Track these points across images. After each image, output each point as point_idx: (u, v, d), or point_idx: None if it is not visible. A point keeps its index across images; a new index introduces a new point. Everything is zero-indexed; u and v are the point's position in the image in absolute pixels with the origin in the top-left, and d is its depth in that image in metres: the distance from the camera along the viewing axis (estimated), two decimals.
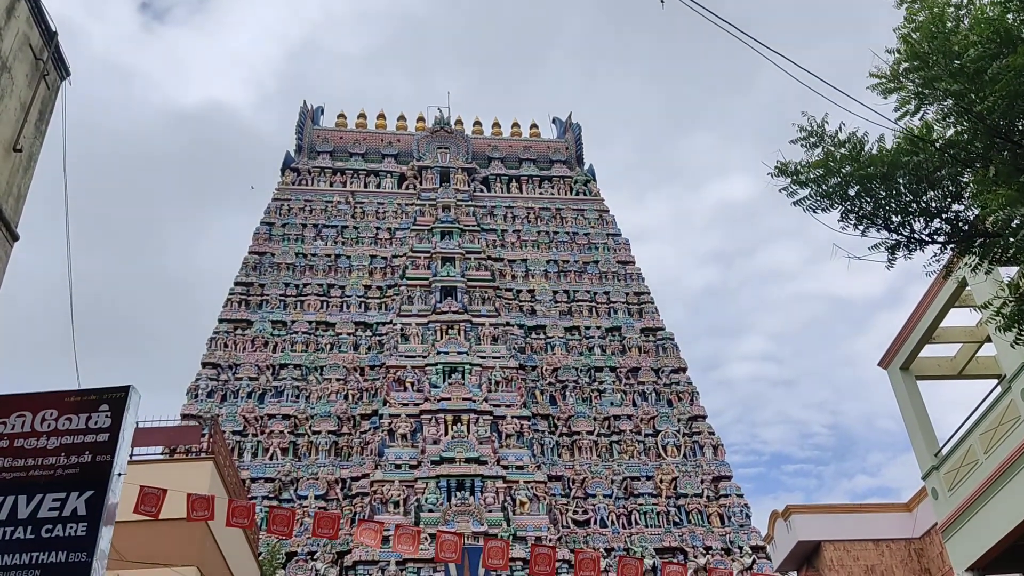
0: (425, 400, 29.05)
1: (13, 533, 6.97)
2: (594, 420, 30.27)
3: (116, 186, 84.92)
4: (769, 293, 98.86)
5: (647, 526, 27.78)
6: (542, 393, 31.16)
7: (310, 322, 32.37)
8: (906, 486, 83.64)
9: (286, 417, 29.39)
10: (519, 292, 34.32)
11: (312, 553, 25.91)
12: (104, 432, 7.49)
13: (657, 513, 28.09)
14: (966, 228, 7.30)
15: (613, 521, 27.86)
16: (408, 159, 39.12)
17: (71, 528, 6.97)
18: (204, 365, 30.52)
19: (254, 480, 27.31)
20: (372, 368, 31.01)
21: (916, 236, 7.42)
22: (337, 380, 30.61)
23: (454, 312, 31.98)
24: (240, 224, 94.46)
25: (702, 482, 28.93)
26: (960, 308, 14.00)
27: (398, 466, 27.39)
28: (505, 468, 27.50)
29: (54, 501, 7.11)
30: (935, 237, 7.41)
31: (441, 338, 31.16)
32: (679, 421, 30.59)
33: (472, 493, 26.63)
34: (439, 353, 30.50)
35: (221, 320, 32.00)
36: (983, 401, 12.94)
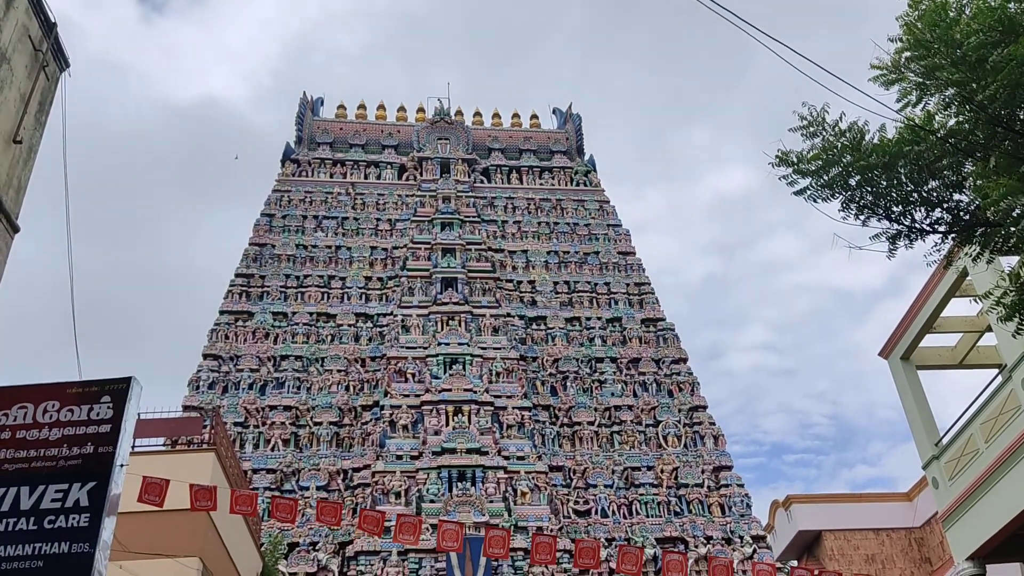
0: (426, 391, 29.06)
1: (16, 524, 6.97)
2: (595, 410, 30.27)
3: (115, 180, 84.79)
4: (770, 283, 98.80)
5: (648, 516, 27.82)
6: (543, 384, 31.16)
7: (311, 313, 32.37)
8: (906, 476, 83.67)
9: (287, 408, 29.40)
10: (519, 283, 34.29)
11: (314, 544, 25.98)
12: (106, 423, 7.49)
13: (658, 503, 28.12)
14: (967, 218, 7.30)
15: (614, 511, 27.89)
16: (408, 150, 39.01)
17: (74, 519, 6.98)
18: (205, 357, 30.52)
19: (256, 471, 27.36)
20: (373, 359, 31.01)
21: (917, 226, 7.41)
22: (338, 371, 30.61)
23: (455, 303, 31.97)
24: (239, 216, 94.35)
25: (703, 472, 28.95)
26: (961, 298, 14.00)
27: (399, 457, 27.44)
28: (506, 458, 27.54)
29: (56, 492, 7.11)
30: (936, 227, 7.40)
31: (442, 329, 31.15)
32: (680, 411, 30.60)
33: (473, 483, 26.67)
34: (440, 344, 30.50)
35: (222, 312, 31.99)
36: (984, 391, 12.97)
